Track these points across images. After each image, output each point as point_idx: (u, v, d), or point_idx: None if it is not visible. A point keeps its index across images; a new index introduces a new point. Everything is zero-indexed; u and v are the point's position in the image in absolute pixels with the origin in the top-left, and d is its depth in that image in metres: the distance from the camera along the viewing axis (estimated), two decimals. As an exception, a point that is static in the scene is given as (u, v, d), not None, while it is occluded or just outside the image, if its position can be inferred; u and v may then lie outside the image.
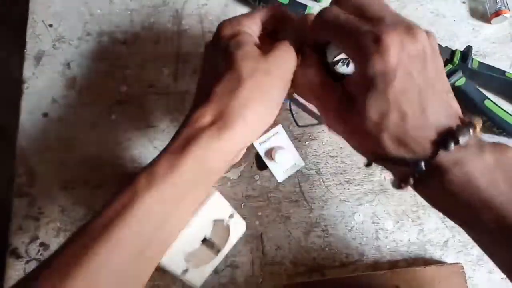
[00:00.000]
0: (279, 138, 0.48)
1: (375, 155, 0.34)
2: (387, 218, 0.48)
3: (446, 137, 0.31)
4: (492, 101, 0.49)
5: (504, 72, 0.50)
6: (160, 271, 0.46)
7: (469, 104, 0.50)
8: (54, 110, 0.51)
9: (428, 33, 0.33)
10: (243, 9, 0.55)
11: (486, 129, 0.40)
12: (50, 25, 0.54)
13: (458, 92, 0.50)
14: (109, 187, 0.48)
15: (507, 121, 0.48)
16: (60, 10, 0.54)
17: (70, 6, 0.54)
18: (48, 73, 0.52)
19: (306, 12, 0.52)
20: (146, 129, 0.51)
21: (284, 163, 0.48)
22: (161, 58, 0.53)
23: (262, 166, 0.49)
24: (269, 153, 0.48)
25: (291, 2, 0.52)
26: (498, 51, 0.54)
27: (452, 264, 0.46)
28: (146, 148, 0.50)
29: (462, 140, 0.30)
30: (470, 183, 0.30)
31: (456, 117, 0.32)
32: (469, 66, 0.49)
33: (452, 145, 0.30)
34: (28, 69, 0.52)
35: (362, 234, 0.47)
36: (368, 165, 0.37)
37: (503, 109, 0.49)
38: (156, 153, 0.30)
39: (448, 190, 0.31)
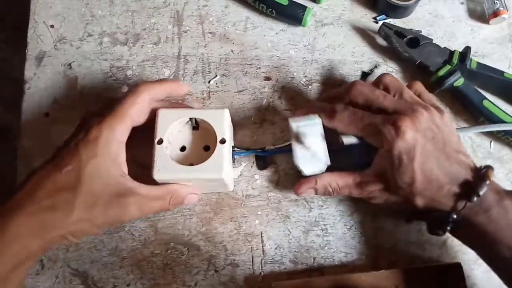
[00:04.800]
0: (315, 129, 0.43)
1: (414, 212, 0.43)
2: (386, 218, 0.48)
3: (467, 191, 0.39)
4: (490, 102, 0.49)
5: (503, 72, 0.50)
6: (161, 270, 0.46)
7: (467, 104, 0.50)
8: (56, 110, 0.51)
9: (427, 108, 0.40)
10: (243, 10, 0.55)
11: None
12: (52, 26, 0.54)
13: (457, 92, 0.50)
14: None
15: (505, 121, 0.48)
16: (61, 11, 0.55)
17: (71, 7, 0.55)
18: (49, 74, 0.52)
19: (306, 13, 0.52)
20: (146, 129, 0.51)
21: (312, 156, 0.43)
22: (162, 58, 0.53)
23: (262, 165, 0.49)
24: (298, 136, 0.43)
25: (290, 3, 0.52)
26: (496, 51, 0.54)
27: (450, 263, 0.46)
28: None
29: (481, 192, 0.38)
30: (493, 224, 0.38)
31: (469, 169, 0.40)
32: (468, 66, 0.50)
33: (475, 198, 0.38)
34: (29, 70, 0.52)
35: (361, 233, 0.48)
36: (409, 221, 0.47)
37: (501, 110, 0.49)
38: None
39: (478, 232, 0.39)
